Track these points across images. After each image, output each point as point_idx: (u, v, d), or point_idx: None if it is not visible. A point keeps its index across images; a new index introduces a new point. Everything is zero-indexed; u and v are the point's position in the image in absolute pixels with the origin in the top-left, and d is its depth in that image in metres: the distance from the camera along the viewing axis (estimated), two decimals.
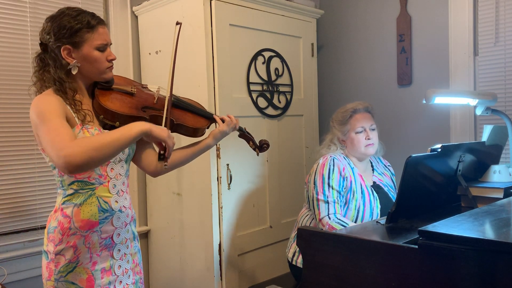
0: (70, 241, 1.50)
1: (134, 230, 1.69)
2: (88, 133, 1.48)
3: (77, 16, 1.48)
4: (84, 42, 1.48)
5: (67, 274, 1.50)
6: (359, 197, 2.16)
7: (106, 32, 1.54)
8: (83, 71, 1.52)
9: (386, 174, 2.36)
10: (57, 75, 1.48)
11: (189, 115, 1.73)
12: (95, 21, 1.50)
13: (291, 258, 2.29)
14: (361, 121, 2.21)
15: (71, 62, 1.49)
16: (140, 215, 2.78)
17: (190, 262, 2.55)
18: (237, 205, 2.53)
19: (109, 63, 1.55)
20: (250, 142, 1.92)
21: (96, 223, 1.52)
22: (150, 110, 1.62)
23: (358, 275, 1.31)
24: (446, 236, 1.14)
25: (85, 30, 1.48)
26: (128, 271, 1.64)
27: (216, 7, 2.39)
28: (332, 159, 2.17)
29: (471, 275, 1.10)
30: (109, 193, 1.55)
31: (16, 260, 2.23)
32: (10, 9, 2.25)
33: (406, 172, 1.50)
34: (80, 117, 1.48)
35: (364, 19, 3.11)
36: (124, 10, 2.70)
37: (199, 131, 1.74)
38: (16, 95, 2.27)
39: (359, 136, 2.19)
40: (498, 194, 1.71)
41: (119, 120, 1.52)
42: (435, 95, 1.82)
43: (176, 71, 2.48)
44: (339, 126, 2.25)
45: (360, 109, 2.24)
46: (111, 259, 1.58)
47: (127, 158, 1.65)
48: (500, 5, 2.51)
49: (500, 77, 2.52)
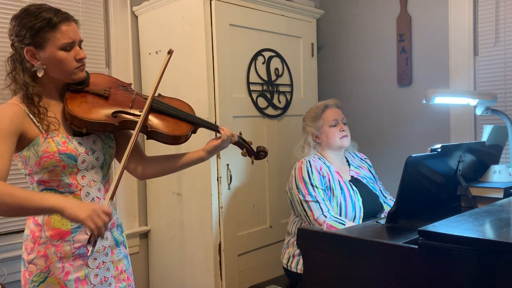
0: (41, 250, 1.45)
1: (117, 236, 1.61)
2: (54, 142, 1.42)
3: (39, 14, 1.39)
4: (46, 42, 1.39)
5: (39, 284, 1.45)
6: (339, 193, 2.19)
7: (72, 30, 1.42)
8: (50, 73, 1.44)
9: (363, 166, 2.41)
10: (22, 79, 1.41)
11: (168, 120, 1.58)
12: (58, 18, 1.40)
13: (286, 263, 2.29)
14: (334, 115, 2.30)
15: (35, 64, 1.41)
16: (140, 215, 2.78)
17: (190, 262, 2.55)
18: (237, 205, 2.53)
19: (78, 62, 1.44)
20: (243, 149, 1.74)
21: (67, 232, 1.46)
22: (122, 115, 1.50)
23: (358, 275, 1.31)
24: (446, 236, 1.14)
25: (47, 29, 1.38)
26: (108, 279, 1.55)
27: (216, 7, 2.39)
28: (308, 161, 2.22)
29: (471, 275, 1.10)
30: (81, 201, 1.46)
31: (16, 260, 2.22)
32: (10, 9, 2.25)
33: (406, 172, 1.50)
34: (43, 126, 1.42)
35: (364, 19, 3.11)
36: (124, 10, 2.70)
37: (179, 139, 1.58)
38: None
39: (333, 129, 2.28)
40: (498, 194, 1.71)
41: (86, 127, 1.45)
42: (435, 95, 1.82)
43: (176, 71, 2.50)
44: (312, 122, 2.33)
45: (331, 104, 2.34)
46: (86, 268, 1.50)
47: (103, 164, 1.55)
48: (500, 5, 2.51)
49: (500, 77, 2.52)
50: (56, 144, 1.42)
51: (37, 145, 1.41)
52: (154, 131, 1.53)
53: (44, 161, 1.41)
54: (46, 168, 1.43)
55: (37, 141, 1.40)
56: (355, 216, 2.19)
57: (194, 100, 2.40)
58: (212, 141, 1.68)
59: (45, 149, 1.41)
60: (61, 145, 1.43)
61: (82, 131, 1.46)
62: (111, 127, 1.48)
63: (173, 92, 2.53)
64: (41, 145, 1.40)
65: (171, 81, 2.55)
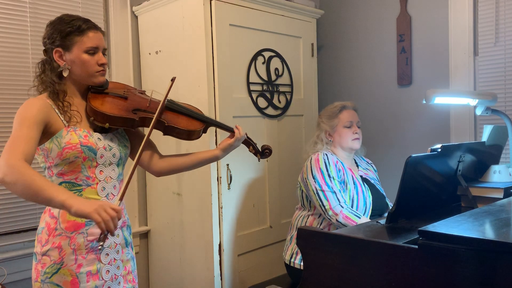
0: (55, 241, 1.53)
1: (127, 236, 1.69)
2: (76, 135, 1.53)
3: (71, 21, 1.55)
4: (73, 45, 1.54)
5: (52, 276, 1.52)
6: (352, 187, 2.24)
7: (98, 37, 1.58)
8: (74, 74, 1.57)
9: (370, 169, 2.46)
10: (50, 77, 1.55)
11: (182, 118, 1.73)
12: (86, 25, 1.56)
13: (288, 260, 2.30)
14: (350, 117, 2.34)
15: (61, 64, 1.55)
16: (140, 215, 2.78)
17: (190, 262, 2.55)
18: (237, 205, 2.53)
19: (99, 67, 1.58)
20: (250, 147, 1.88)
21: (82, 224, 1.54)
22: (141, 113, 1.65)
23: (358, 275, 1.31)
24: (446, 236, 1.14)
25: (75, 33, 1.54)
26: (118, 278, 1.63)
27: (216, 7, 2.39)
28: (324, 153, 2.28)
29: (471, 275, 1.10)
30: (97, 195, 1.57)
31: (16, 260, 2.23)
32: (10, 9, 2.25)
33: (406, 172, 1.50)
34: (66, 118, 1.54)
35: (364, 19, 3.11)
36: (124, 10, 2.69)
37: (194, 134, 1.73)
38: (16, 95, 2.27)
39: (347, 130, 2.32)
40: (498, 194, 1.71)
41: (108, 121, 1.57)
42: (435, 95, 1.82)
43: (176, 71, 2.50)
44: (328, 120, 2.36)
45: (348, 106, 2.38)
46: (98, 263, 1.57)
47: (119, 161, 1.66)
48: (500, 5, 2.51)
49: (500, 77, 2.52)
50: (78, 137, 1.53)
51: (60, 137, 1.51)
52: (171, 126, 1.67)
53: (66, 152, 1.51)
54: (67, 159, 1.51)
55: (61, 133, 1.51)
56: (365, 211, 2.24)
57: (194, 100, 2.40)
58: (226, 140, 1.81)
59: (68, 141, 1.51)
60: (82, 138, 1.54)
61: (105, 126, 1.57)
62: (131, 122, 1.61)
63: (173, 92, 2.53)
64: (64, 137, 1.51)
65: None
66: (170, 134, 1.70)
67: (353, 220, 2.09)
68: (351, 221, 2.09)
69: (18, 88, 2.27)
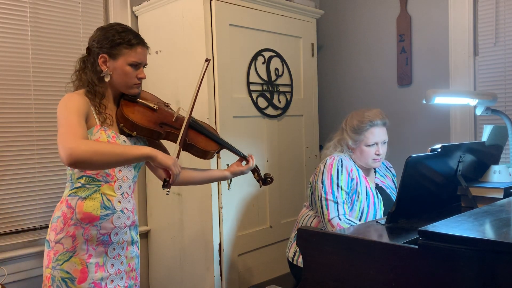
0: (70, 230, 1.59)
1: (133, 235, 1.75)
2: (105, 134, 1.60)
3: (122, 32, 1.63)
4: (120, 55, 1.62)
5: (63, 263, 1.58)
6: (364, 198, 2.16)
7: (143, 53, 1.68)
8: (113, 81, 1.65)
9: (388, 176, 2.37)
10: (91, 78, 1.63)
11: (202, 138, 1.82)
12: (136, 40, 1.65)
13: (291, 258, 2.29)
14: (376, 136, 2.17)
15: (104, 69, 1.63)
16: (140, 215, 2.77)
17: (190, 262, 2.55)
18: (237, 205, 2.53)
19: (137, 80, 1.67)
20: (255, 173, 1.97)
21: (97, 217, 1.60)
22: (167, 127, 1.72)
23: (358, 275, 1.31)
24: (446, 236, 1.14)
25: (125, 45, 1.62)
26: (121, 273, 1.69)
27: (216, 7, 2.39)
28: (340, 159, 2.15)
29: (471, 275, 1.10)
30: (113, 192, 1.64)
31: (16, 260, 2.23)
32: (10, 9, 2.25)
33: (406, 172, 1.50)
34: (101, 118, 1.62)
35: (364, 19, 3.11)
36: (124, 10, 2.69)
37: (209, 154, 1.82)
38: (16, 95, 2.27)
39: (369, 149, 2.16)
40: (498, 194, 1.71)
41: (136, 130, 1.65)
42: (435, 95, 1.82)
43: (176, 71, 2.50)
44: (353, 134, 2.19)
45: (378, 123, 2.19)
46: (105, 256, 1.63)
47: (136, 165, 1.73)
48: (500, 5, 2.51)
49: (500, 77, 2.52)
50: (107, 136, 1.60)
51: (91, 134, 1.58)
52: (191, 144, 1.76)
53: None
54: None
55: (92, 130, 1.58)
56: None
57: None
58: (238, 165, 1.92)
59: (97, 138, 1.58)
60: (111, 138, 1.61)
61: (132, 134, 1.66)
62: (157, 134, 1.69)
63: (173, 92, 2.54)
64: (94, 134, 1.58)
65: (171, 81, 2.55)
66: (187, 150, 1.78)
67: None
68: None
69: (18, 88, 2.27)
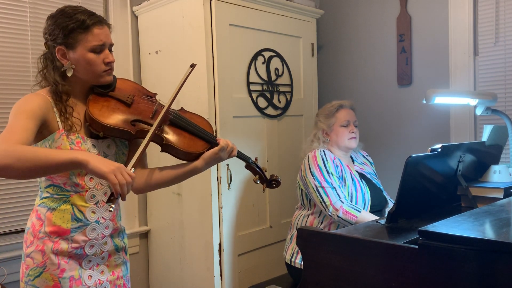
0: (39, 244, 1.45)
1: (117, 242, 1.60)
2: (68, 140, 1.43)
3: (73, 15, 1.42)
4: (77, 43, 1.42)
5: (34, 279, 1.45)
6: (350, 183, 2.25)
7: (104, 33, 1.45)
8: (78, 74, 1.46)
9: (366, 163, 2.48)
10: (53, 76, 1.45)
11: (185, 136, 1.55)
12: (91, 21, 1.42)
13: (289, 259, 2.30)
14: (347, 116, 2.36)
15: (65, 63, 1.44)
16: (140, 215, 2.77)
17: (190, 262, 2.55)
18: (237, 205, 2.53)
19: (106, 66, 1.47)
20: (256, 175, 1.71)
21: (67, 231, 1.46)
22: (141, 124, 1.50)
23: (358, 275, 1.31)
24: (446, 236, 1.14)
25: (79, 30, 1.41)
26: (102, 283, 1.54)
27: (216, 7, 2.39)
28: (321, 150, 2.29)
29: (471, 275, 1.10)
30: (85, 202, 1.48)
31: (16, 260, 2.22)
32: (10, 9, 2.25)
33: (406, 172, 1.50)
34: (66, 126, 1.43)
35: (364, 19, 3.11)
36: (124, 10, 2.69)
37: (192, 156, 1.55)
38: (16, 95, 2.26)
39: (343, 129, 2.33)
40: (498, 194, 1.71)
41: (103, 131, 1.45)
42: (435, 95, 1.82)
43: (176, 71, 2.50)
44: (325, 119, 2.38)
45: (346, 105, 2.39)
46: (80, 269, 1.49)
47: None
48: (500, 5, 2.51)
49: (500, 77, 2.52)
50: (70, 143, 1.43)
51: (52, 140, 1.42)
52: (169, 144, 1.52)
53: None
54: None
55: (53, 136, 1.42)
56: (364, 207, 2.25)
57: (194, 100, 2.40)
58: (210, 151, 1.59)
59: (59, 146, 1.42)
60: (74, 144, 1.44)
61: (99, 135, 1.47)
62: (127, 134, 1.48)
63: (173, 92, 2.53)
64: (55, 140, 1.42)
65: (171, 81, 2.55)
66: (167, 152, 1.54)
67: (354, 215, 2.10)
68: (352, 215, 2.10)
69: (18, 88, 2.27)
